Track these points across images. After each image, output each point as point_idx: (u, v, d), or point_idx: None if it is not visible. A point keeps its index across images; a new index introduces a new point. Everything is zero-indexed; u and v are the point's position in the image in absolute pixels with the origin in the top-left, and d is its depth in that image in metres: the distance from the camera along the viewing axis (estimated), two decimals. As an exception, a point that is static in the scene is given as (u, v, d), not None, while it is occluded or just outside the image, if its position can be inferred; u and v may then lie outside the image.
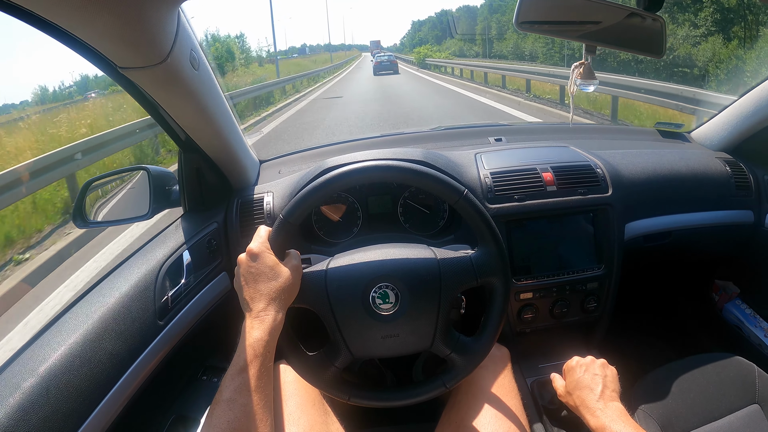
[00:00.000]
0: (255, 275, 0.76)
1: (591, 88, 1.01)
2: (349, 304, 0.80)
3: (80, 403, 0.74)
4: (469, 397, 0.93)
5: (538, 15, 1.00)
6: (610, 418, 0.81)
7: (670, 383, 1.08)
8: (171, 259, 1.00)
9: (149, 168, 1.10)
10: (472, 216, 0.81)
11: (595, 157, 1.27)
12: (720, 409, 1.00)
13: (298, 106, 13.71)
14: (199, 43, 0.86)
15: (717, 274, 1.63)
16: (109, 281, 0.93)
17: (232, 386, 0.68)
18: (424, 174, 0.80)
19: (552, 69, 12.11)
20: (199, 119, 0.96)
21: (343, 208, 1.21)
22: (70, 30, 0.63)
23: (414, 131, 1.70)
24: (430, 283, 0.80)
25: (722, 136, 1.48)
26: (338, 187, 0.80)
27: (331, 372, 0.82)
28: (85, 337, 0.80)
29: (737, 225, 1.37)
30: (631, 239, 1.25)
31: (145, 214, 1.07)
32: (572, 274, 1.18)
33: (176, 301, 0.98)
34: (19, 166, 4.84)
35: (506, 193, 1.16)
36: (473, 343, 0.84)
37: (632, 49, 1.07)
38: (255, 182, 1.27)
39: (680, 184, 1.33)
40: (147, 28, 0.67)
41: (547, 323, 1.22)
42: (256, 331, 0.71)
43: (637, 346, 1.49)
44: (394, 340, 0.80)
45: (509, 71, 14.39)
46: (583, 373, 0.91)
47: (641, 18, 1.03)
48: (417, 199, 1.21)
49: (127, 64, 0.73)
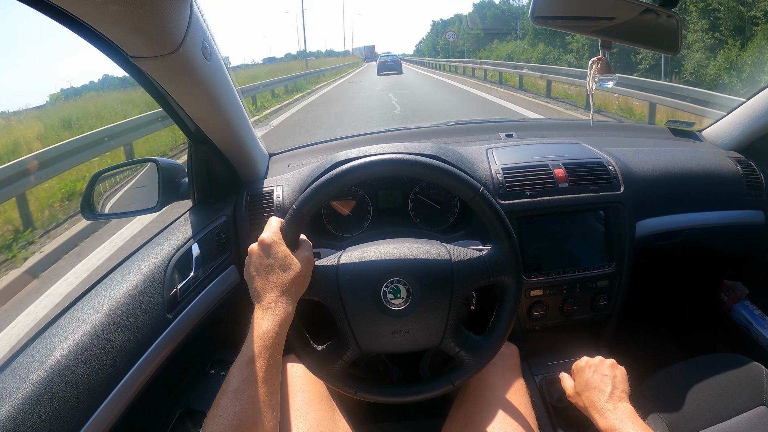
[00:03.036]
0: (266, 266, 0.75)
1: (610, 84, 1.00)
2: (360, 297, 0.79)
3: (88, 395, 0.74)
4: (477, 394, 0.93)
5: (553, 10, 0.99)
6: (620, 419, 0.80)
7: (678, 384, 1.07)
8: (180, 251, 1.00)
9: (158, 160, 1.09)
10: (486, 214, 0.81)
11: (607, 154, 1.26)
12: (728, 411, 1.00)
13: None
14: (210, 34, 0.86)
15: (726, 274, 1.62)
16: (118, 273, 0.92)
17: (239, 377, 0.67)
18: (439, 169, 0.80)
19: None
20: (209, 110, 0.95)
21: (353, 203, 1.20)
22: (82, 18, 0.62)
23: (424, 126, 1.69)
24: (442, 280, 0.79)
25: (734, 135, 1.46)
26: (352, 179, 0.79)
27: (338, 366, 0.82)
28: (94, 329, 0.80)
29: (748, 225, 1.36)
30: (642, 237, 1.24)
31: (153, 206, 1.07)
32: (583, 272, 1.17)
33: (185, 294, 0.97)
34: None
35: (518, 189, 1.15)
36: (483, 341, 0.84)
37: (648, 46, 1.06)
38: (264, 175, 1.27)
39: (692, 182, 1.31)
40: (159, 16, 0.66)
41: (557, 321, 1.21)
42: (266, 323, 0.71)
43: (645, 346, 1.48)
44: (403, 335, 0.80)
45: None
46: (592, 374, 0.90)
47: (656, 14, 1.01)
48: (428, 194, 1.20)
49: (139, 53, 0.72)
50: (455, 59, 30.80)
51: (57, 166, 5.46)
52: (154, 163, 1.10)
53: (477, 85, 16.47)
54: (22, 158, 5.09)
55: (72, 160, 5.78)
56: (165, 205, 1.09)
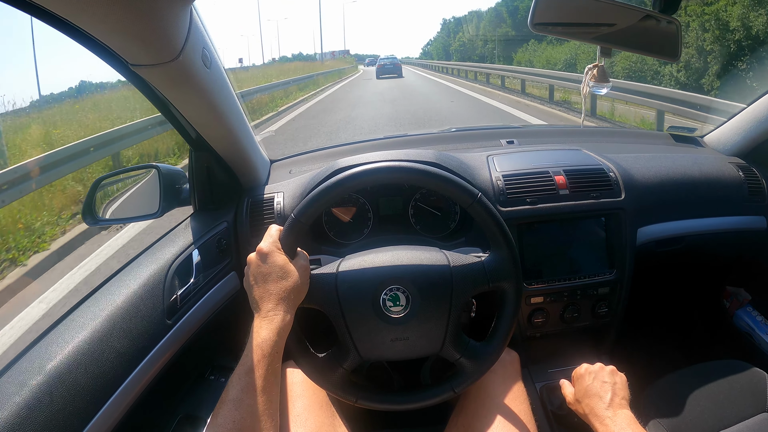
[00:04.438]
0: (265, 275, 0.75)
1: (604, 91, 1.00)
2: (360, 305, 0.79)
3: (87, 401, 0.74)
4: (477, 401, 0.93)
5: (553, 16, 1.00)
6: (620, 426, 0.80)
7: (680, 390, 1.06)
8: (180, 258, 1.00)
9: (160, 166, 1.10)
10: (485, 220, 0.81)
11: (607, 160, 1.26)
12: (729, 418, 0.99)
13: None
14: (210, 42, 0.86)
15: (728, 280, 1.61)
16: (118, 279, 0.93)
17: (239, 386, 0.67)
18: (437, 176, 0.80)
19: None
20: (210, 117, 0.96)
21: (354, 210, 1.20)
22: (82, 26, 0.62)
23: (424, 133, 1.69)
24: (441, 287, 0.79)
25: (735, 140, 1.46)
26: (351, 187, 0.79)
27: (339, 374, 0.82)
28: (93, 335, 0.80)
29: (750, 231, 1.35)
30: (643, 244, 1.24)
31: (155, 212, 1.07)
32: (584, 279, 1.17)
33: (185, 300, 0.97)
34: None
35: (518, 196, 1.15)
36: (483, 347, 0.84)
37: (647, 52, 1.06)
38: (265, 182, 1.27)
39: (693, 188, 1.31)
40: (159, 25, 0.66)
41: (558, 328, 1.21)
42: (264, 332, 0.71)
43: (647, 352, 1.47)
44: (403, 343, 0.80)
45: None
46: (592, 381, 0.90)
47: (656, 20, 1.02)
48: (428, 201, 1.20)
49: (139, 61, 0.72)
50: (479, 64, 24.09)
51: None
52: (155, 170, 1.10)
53: (517, 103, 11.18)
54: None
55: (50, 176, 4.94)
56: (166, 211, 1.09)
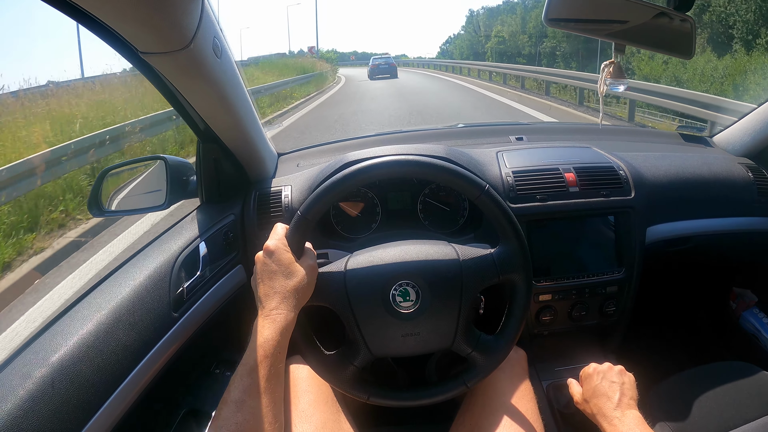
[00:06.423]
0: (270, 273, 0.75)
1: (621, 88, 0.99)
2: (369, 302, 0.78)
3: (92, 393, 0.73)
4: (484, 398, 0.92)
5: (566, 12, 0.99)
6: (628, 427, 0.79)
7: (686, 392, 1.06)
8: (187, 250, 0.99)
9: (167, 158, 1.09)
10: (493, 212, 0.80)
11: (617, 158, 1.25)
12: (735, 419, 0.99)
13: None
14: (221, 31, 0.85)
15: (736, 281, 1.60)
16: (124, 271, 0.92)
17: (241, 387, 0.67)
18: (445, 169, 0.79)
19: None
20: (219, 108, 0.95)
21: (362, 204, 1.20)
22: (92, 12, 0.61)
23: (434, 128, 1.69)
24: (451, 280, 0.79)
25: (745, 141, 1.45)
26: (358, 182, 0.79)
27: (350, 371, 0.81)
28: (98, 327, 0.79)
29: (758, 232, 1.34)
30: (652, 243, 1.23)
31: (161, 204, 1.06)
32: (592, 277, 1.16)
33: (191, 292, 0.97)
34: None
35: (528, 192, 1.14)
36: (495, 341, 0.83)
37: (661, 49, 1.06)
38: (273, 175, 1.26)
39: (703, 188, 1.30)
40: (170, 12, 0.66)
41: (565, 326, 1.20)
42: (266, 331, 0.70)
43: (653, 353, 1.47)
44: (414, 338, 0.79)
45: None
46: (600, 381, 0.89)
47: (670, 18, 1.01)
48: (437, 196, 1.20)
49: (149, 49, 0.71)
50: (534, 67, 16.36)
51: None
52: (162, 161, 1.09)
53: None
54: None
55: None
56: (173, 203, 1.08)
